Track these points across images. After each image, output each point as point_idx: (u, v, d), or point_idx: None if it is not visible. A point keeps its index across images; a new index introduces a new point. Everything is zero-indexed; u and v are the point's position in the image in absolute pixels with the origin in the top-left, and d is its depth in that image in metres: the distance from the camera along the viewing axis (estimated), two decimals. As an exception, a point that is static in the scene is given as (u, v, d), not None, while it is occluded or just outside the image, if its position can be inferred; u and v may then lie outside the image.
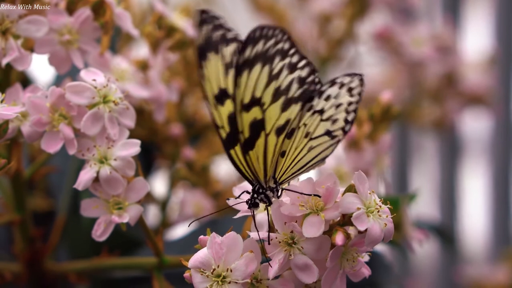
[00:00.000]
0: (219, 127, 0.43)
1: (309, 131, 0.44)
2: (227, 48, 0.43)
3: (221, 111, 0.43)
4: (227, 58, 0.43)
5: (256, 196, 0.43)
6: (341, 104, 0.44)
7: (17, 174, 0.50)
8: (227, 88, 0.43)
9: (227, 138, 0.43)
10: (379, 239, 0.41)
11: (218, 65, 0.43)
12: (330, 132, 0.45)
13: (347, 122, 0.45)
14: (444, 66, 0.92)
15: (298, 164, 0.44)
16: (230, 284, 0.41)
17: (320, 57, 0.87)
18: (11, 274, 0.53)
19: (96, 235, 0.45)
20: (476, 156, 1.29)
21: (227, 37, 0.43)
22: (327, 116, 0.44)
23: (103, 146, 0.45)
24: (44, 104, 0.45)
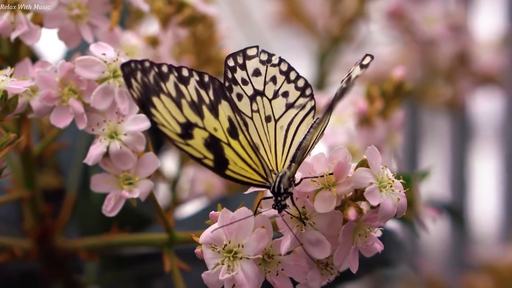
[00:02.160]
0: (202, 159, 0.41)
1: (268, 115, 0.44)
2: (169, 83, 0.42)
3: (194, 144, 0.42)
4: (173, 92, 0.42)
5: (280, 199, 0.41)
6: (274, 77, 0.45)
7: (27, 150, 0.49)
8: (188, 119, 0.42)
9: (215, 164, 0.42)
10: (392, 214, 0.41)
11: (168, 104, 0.41)
12: (292, 104, 0.45)
13: (302, 88, 0.45)
14: (456, 46, 0.91)
15: (292, 148, 0.44)
16: (242, 260, 0.41)
17: (331, 36, 0.86)
18: (21, 251, 0.53)
19: (106, 211, 0.44)
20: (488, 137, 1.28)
21: (162, 73, 0.42)
22: (272, 93, 0.45)
23: (113, 121, 0.44)
24: (54, 79, 0.44)
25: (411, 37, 0.86)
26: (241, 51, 0.45)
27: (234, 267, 0.41)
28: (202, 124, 0.42)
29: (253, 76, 0.45)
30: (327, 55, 0.86)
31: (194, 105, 0.42)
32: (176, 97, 0.42)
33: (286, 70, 0.45)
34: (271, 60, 0.45)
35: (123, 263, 0.60)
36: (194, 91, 0.42)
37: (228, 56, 0.45)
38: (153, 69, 0.41)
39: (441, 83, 0.94)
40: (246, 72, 0.45)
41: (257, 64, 0.45)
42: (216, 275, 0.41)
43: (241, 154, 0.43)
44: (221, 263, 0.41)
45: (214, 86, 0.43)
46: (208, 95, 0.43)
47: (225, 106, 0.43)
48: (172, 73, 0.42)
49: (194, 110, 0.42)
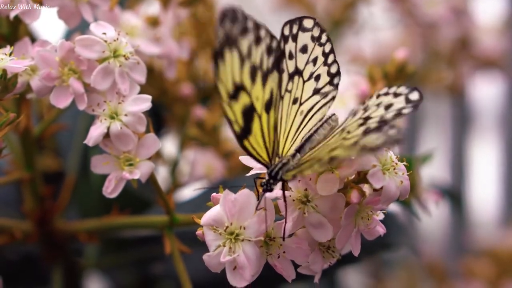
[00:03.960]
0: (233, 122, 0.41)
1: (296, 97, 0.44)
2: (244, 40, 0.41)
3: (235, 107, 0.41)
4: (244, 50, 0.41)
5: (272, 182, 0.41)
6: (316, 58, 0.44)
7: (27, 131, 0.49)
8: (242, 82, 0.41)
9: (241, 132, 0.41)
10: (395, 197, 0.41)
11: (234, 60, 0.41)
12: (318, 90, 0.44)
13: (332, 75, 0.44)
14: (458, 29, 0.90)
15: (300, 135, 0.43)
16: (243, 242, 0.41)
17: (332, 19, 0.85)
18: (21, 233, 0.52)
19: (107, 192, 0.44)
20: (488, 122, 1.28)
21: (246, 28, 0.41)
22: (308, 74, 0.44)
23: (114, 102, 0.44)
24: (54, 58, 0.44)
25: (413, 20, 0.85)
26: (298, 20, 0.44)
27: (236, 249, 0.41)
28: (250, 90, 0.41)
29: (299, 52, 0.44)
30: (328, 38, 0.86)
31: (253, 69, 0.41)
32: (245, 55, 0.41)
33: (328, 52, 0.44)
34: (321, 38, 0.44)
35: (123, 246, 0.60)
36: (259, 55, 0.42)
37: (286, 23, 0.43)
38: (240, 21, 0.40)
39: (442, 67, 0.94)
40: (295, 46, 0.44)
41: (308, 39, 0.44)
42: (217, 257, 0.41)
43: (264, 129, 0.42)
44: (223, 245, 0.41)
45: (276, 53, 0.42)
46: (268, 63, 0.42)
47: (274, 78, 0.42)
48: (253, 31, 0.41)
49: (251, 74, 0.41)
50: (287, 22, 0.44)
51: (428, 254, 0.94)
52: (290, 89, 0.44)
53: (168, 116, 0.66)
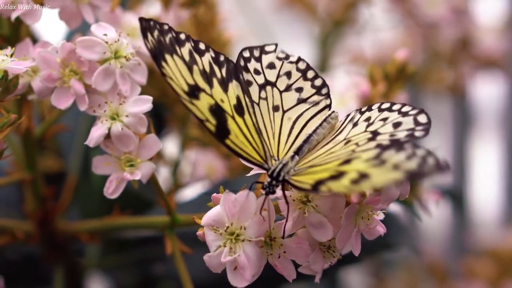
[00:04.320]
0: (204, 121, 0.42)
1: (276, 105, 0.45)
2: (184, 49, 0.43)
3: (199, 105, 0.42)
4: (186, 57, 0.43)
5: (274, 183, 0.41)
6: (289, 72, 0.45)
7: (28, 132, 0.49)
8: (197, 83, 0.42)
9: (216, 130, 0.42)
10: (395, 197, 0.41)
11: (179, 65, 0.42)
12: (304, 100, 0.45)
13: (318, 87, 0.45)
14: (459, 29, 0.90)
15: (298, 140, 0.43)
16: (244, 242, 0.41)
17: (333, 19, 0.85)
18: (22, 233, 0.53)
19: (108, 193, 0.44)
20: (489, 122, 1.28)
21: (179, 39, 0.43)
22: (284, 86, 0.45)
23: (115, 102, 0.44)
24: (55, 59, 0.44)
25: (413, 20, 0.85)
26: (259, 47, 0.46)
27: (236, 249, 0.41)
28: (210, 92, 0.43)
29: (267, 68, 0.45)
30: (329, 38, 0.86)
31: (205, 74, 0.43)
32: (189, 62, 0.43)
33: (304, 68, 0.46)
34: (289, 58, 0.46)
35: (124, 247, 0.60)
36: (207, 64, 0.43)
37: (244, 48, 0.45)
38: (170, 33, 0.43)
39: (443, 67, 0.94)
40: (260, 64, 0.45)
41: (273, 59, 0.46)
42: (218, 257, 0.41)
43: (244, 130, 0.43)
44: (223, 245, 0.41)
45: (228, 66, 0.44)
46: (220, 72, 0.44)
47: (235, 86, 0.44)
48: (189, 42, 0.43)
49: (204, 78, 0.43)
50: (246, 48, 0.45)
51: (429, 254, 0.94)
52: (264, 97, 0.45)
53: (169, 117, 0.66)
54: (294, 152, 0.43)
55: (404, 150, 0.39)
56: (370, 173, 0.38)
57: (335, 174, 0.39)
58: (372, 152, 0.40)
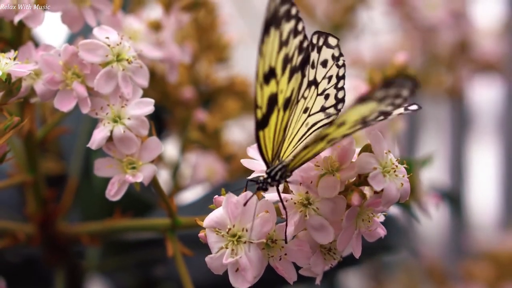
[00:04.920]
0: (258, 107, 0.42)
1: (308, 106, 0.44)
2: (287, 25, 0.42)
3: (265, 91, 0.42)
4: (284, 35, 0.42)
5: (268, 182, 0.41)
6: (331, 76, 0.44)
7: (30, 134, 0.49)
8: (275, 67, 0.42)
9: (261, 119, 0.42)
10: (395, 199, 0.41)
11: (275, 42, 0.42)
12: (325, 109, 0.44)
13: (338, 100, 0.44)
14: (457, 33, 0.91)
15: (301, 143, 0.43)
16: (246, 244, 0.41)
17: (332, 23, 0.86)
18: (24, 235, 0.53)
19: (110, 195, 0.44)
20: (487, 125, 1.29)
21: (290, 13, 0.42)
22: (322, 89, 0.44)
23: (117, 105, 0.44)
24: (57, 62, 0.44)
25: (412, 24, 0.86)
26: (325, 34, 0.44)
27: (238, 251, 0.41)
28: (279, 79, 0.43)
29: (320, 65, 0.45)
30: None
31: (286, 59, 0.43)
32: (284, 41, 0.42)
33: (341, 75, 0.45)
34: (339, 59, 0.45)
35: (125, 249, 0.60)
36: (293, 48, 0.43)
37: (315, 32, 0.44)
38: (287, 4, 0.42)
39: (442, 71, 0.94)
40: (318, 57, 0.45)
41: (329, 56, 0.45)
42: (219, 259, 0.41)
43: (277, 126, 0.43)
44: (225, 247, 0.41)
45: (304, 54, 0.43)
46: (297, 59, 0.43)
47: (297, 78, 0.43)
48: (295, 19, 0.42)
49: (283, 63, 0.43)
50: (316, 32, 0.44)
51: (428, 256, 0.94)
52: (305, 96, 0.44)
53: (169, 120, 0.67)
54: (294, 156, 0.42)
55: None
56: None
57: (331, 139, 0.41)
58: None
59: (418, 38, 0.91)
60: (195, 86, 0.65)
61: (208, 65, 0.66)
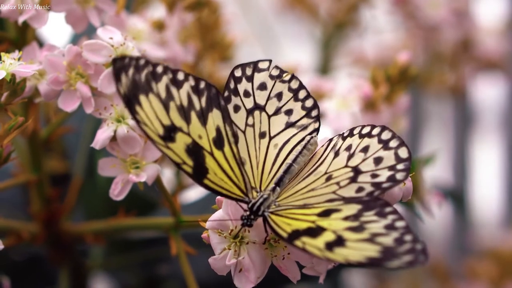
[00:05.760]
0: (180, 164, 0.40)
1: (263, 131, 0.43)
2: (160, 84, 0.41)
3: (175, 147, 0.40)
4: (162, 94, 0.41)
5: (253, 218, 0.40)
6: (280, 93, 0.43)
7: (34, 134, 0.50)
8: (173, 123, 0.41)
9: (194, 171, 0.41)
10: (398, 198, 0.41)
11: (155, 105, 0.40)
12: (293, 123, 0.43)
13: (309, 109, 0.43)
14: (460, 31, 0.91)
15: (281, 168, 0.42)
16: (248, 245, 0.41)
17: (335, 21, 0.86)
18: (28, 234, 0.53)
19: (114, 195, 0.44)
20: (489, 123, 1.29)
21: (156, 73, 0.41)
22: (273, 109, 0.43)
23: (120, 105, 0.44)
24: (61, 63, 0.44)
25: (415, 22, 0.86)
26: (252, 63, 0.44)
27: (241, 252, 0.41)
28: (187, 129, 0.41)
29: (257, 90, 0.44)
30: (331, 40, 0.86)
31: (182, 109, 0.41)
32: (165, 99, 0.41)
33: (296, 88, 0.44)
34: (281, 76, 0.44)
35: (129, 248, 0.60)
36: (185, 96, 0.41)
37: (236, 66, 0.44)
38: (147, 68, 0.40)
39: (444, 69, 0.94)
40: (251, 85, 0.44)
41: (266, 78, 0.44)
42: (223, 260, 0.41)
43: (223, 165, 0.41)
44: (228, 248, 0.41)
45: (209, 93, 0.42)
46: (200, 102, 0.42)
47: (216, 115, 0.42)
48: (167, 74, 0.41)
49: (181, 115, 0.41)
50: (238, 65, 0.44)
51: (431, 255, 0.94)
52: (251, 123, 0.43)
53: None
54: (275, 184, 0.42)
55: (384, 218, 0.38)
56: (347, 238, 0.38)
57: (313, 228, 0.39)
58: (353, 208, 0.39)
59: (421, 37, 0.91)
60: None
61: (212, 64, 0.67)
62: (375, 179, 0.40)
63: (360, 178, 0.41)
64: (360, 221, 0.39)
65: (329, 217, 0.39)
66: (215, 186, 0.41)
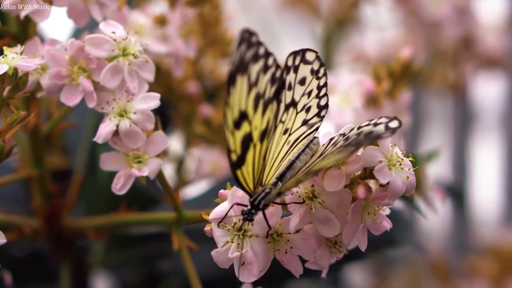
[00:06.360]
0: (231, 151, 0.41)
1: (287, 127, 0.43)
2: (255, 66, 0.41)
3: (237, 135, 0.41)
4: (253, 77, 0.41)
5: (253, 212, 0.41)
6: (311, 91, 0.44)
7: (36, 129, 0.50)
8: (246, 109, 0.41)
9: (237, 160, 0.41)
10: (401, 192, 0.41)
11: (243, 86, 0.41)
12: (307, 121, 0.44)
13: (321, 108, 0.44)
14: (461, 28, 0.91)
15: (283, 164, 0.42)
16: (251, 238, 0.41)
17: (336, 18, 0.86)
18: (29, 229, 0.53)
19: (116, 189, 0.44)
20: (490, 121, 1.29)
21: (258, 54, 0.41)
22: (301, 106, 0.44)
23: (123, 100, 0.44)
24: (64, 57, 0.44)
25: (416, 19, 0.86)
26: (302, 51, 0.43)
27: (244, 245, 0.41)
28: (251, 118, 0.41)
29: (298, 84, 0.44)
30: (332, 37, 0.86)
31: (257, 97, 0.41)
32: (253, 82, 0.41)
33: (322, 85, 0.44)
34: (319, 72, 0.44)
35: (130, 243, 0.60)
36: (264, 83, 0.42)
37: (290, 53, 0.43)
38: (254, 47, 0.41)
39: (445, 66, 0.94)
40: (295, 77, 0.43)
41: (307, 72, 0.44)
42: (225, 253, 0.41)
43: (255, 159, 0.42)
44: (231, 241, 0.41)
45: (278, 83, 0.42)
46: (270, 92, 0.42)
47: (272, 107, 0.42)
48: (263, 58, 0.41)
49: (254, 102, 0.41)
50: (292, 53, 0.43)
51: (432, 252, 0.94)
52: (284, 120, 0.43)
53: (174, 114, 0.67)
54: (277, 178, 0.42)
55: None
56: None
57: None
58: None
59: (422, 34, 0.91)
60: (200, 81, 0.65)
61: (213, 60, 0.67)
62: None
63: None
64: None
65: None
66: (241, 178, 0.41)
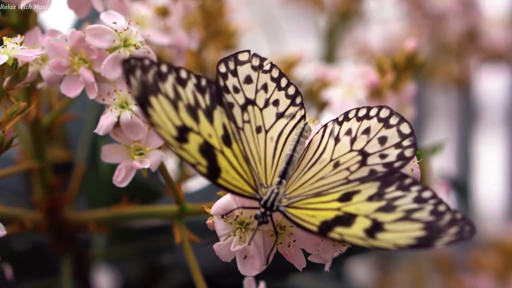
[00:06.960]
0: (195, 165, 0.40)
1: (258, 125, 0.43)
2: (167, 84, 0.40)
3: (189, 148, 0.40)
4: (170, 94, 0.40)
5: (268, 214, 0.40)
6: (265, 84, 0.43)
7: (36, 121, 0.49)
8: (184, 123, 0.40)
9: (208, 171, 0.40)
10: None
11: (165, 106, 0.40)
12: (282, 114, 0.43)
13: (292, 97, 0.43)
14: (466, 21, 0.90)
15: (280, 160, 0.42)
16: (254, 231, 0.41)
17: (340, 12, 0.85)
18: (31, 222, 0.53)
19: (117, 181, 0.44)
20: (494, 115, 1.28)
21: (161, 73, 0.40)
22: (263, 102, 0.43)
23: (124, 91, 0.44)
24: (64, 47, 0.44)
25: (421, 12, 0.85)
26: (233, 56, 0.43)
27: (246, 238, 0.41)
28: (197, 129, 0.40)
29: (244, 84, 0.43)
30: (335, 30, 0.86)
31: (190, 108, 0.41)
32: (174, 98, 0.40)
33: (277, 76, 0.43)
34: (263, 66, 0.43)
35: (132, 237, 0.60)
36: (191, 94, 0.41)
37: (219, 62, 0.43)
38: (152, 68, 0.40)
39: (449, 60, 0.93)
40: (237, 79, 0.43)
41: (249, 70, 0.43)
42: (227, 246, 0.41)
43: (233, 163, 0.41)
44: (233, 234, 0.41)
45: (211, 90, 0.42)
46: (204, 100, 0.41)
47: (220, 113, 0.42)
48: (171, 73, 0.40)
49: (190, 114, 0.40)
50: (221, 60, 0.43)
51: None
52: (247, 119, 0.43)
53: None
54: (280, 176, 0.41)
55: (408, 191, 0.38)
56: (382, 221, 0.38)
57: (341, 216, 0.39)
58: (371, 186, 0.39)
59: (427, 27, 0.91)
60: (202, 73, 0.65)
61: (216, 52, 0.66)
62: (384, 159, 0.40)
63: (369, 160, 0.41)
64: (386, 198, 0.39)
65: (352, 201, 0.39)
66: (229, 185, 0.40)
